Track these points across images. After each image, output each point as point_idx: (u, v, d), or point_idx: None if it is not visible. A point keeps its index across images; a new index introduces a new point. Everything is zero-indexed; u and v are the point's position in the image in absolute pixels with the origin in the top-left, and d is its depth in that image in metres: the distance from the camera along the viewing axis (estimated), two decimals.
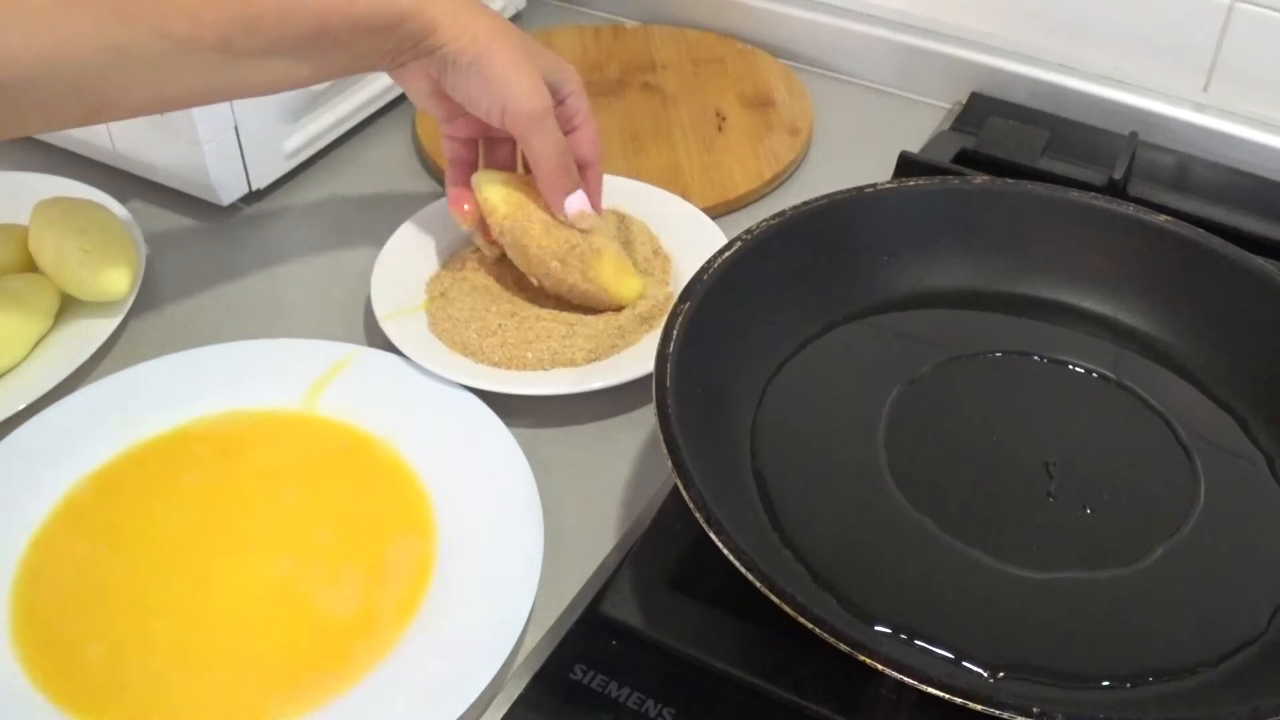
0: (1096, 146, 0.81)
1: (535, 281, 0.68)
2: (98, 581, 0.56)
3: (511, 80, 0.62)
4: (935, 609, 0.52)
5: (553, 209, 0.66)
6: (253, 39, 0.57)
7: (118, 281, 0.68)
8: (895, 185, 0.67)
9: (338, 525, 0.58)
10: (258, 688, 0.52)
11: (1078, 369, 0.63)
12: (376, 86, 0.85)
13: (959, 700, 0.43)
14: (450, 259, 0.72)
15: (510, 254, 0.68)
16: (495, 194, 0.67)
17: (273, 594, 0.55)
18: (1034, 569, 0.54)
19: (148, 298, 0.72)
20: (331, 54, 0.60)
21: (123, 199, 0.76)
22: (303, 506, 0.59)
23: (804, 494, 0.57)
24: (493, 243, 0.69)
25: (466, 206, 0.68)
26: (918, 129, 0.86)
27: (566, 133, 0.66)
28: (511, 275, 0.70)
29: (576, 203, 0.66)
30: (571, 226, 0.66)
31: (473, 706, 0.51)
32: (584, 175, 0.68)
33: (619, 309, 0.68)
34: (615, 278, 0.67)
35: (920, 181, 0.67)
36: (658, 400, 0.53)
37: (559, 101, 0.65)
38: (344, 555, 0.57)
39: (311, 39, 0.59)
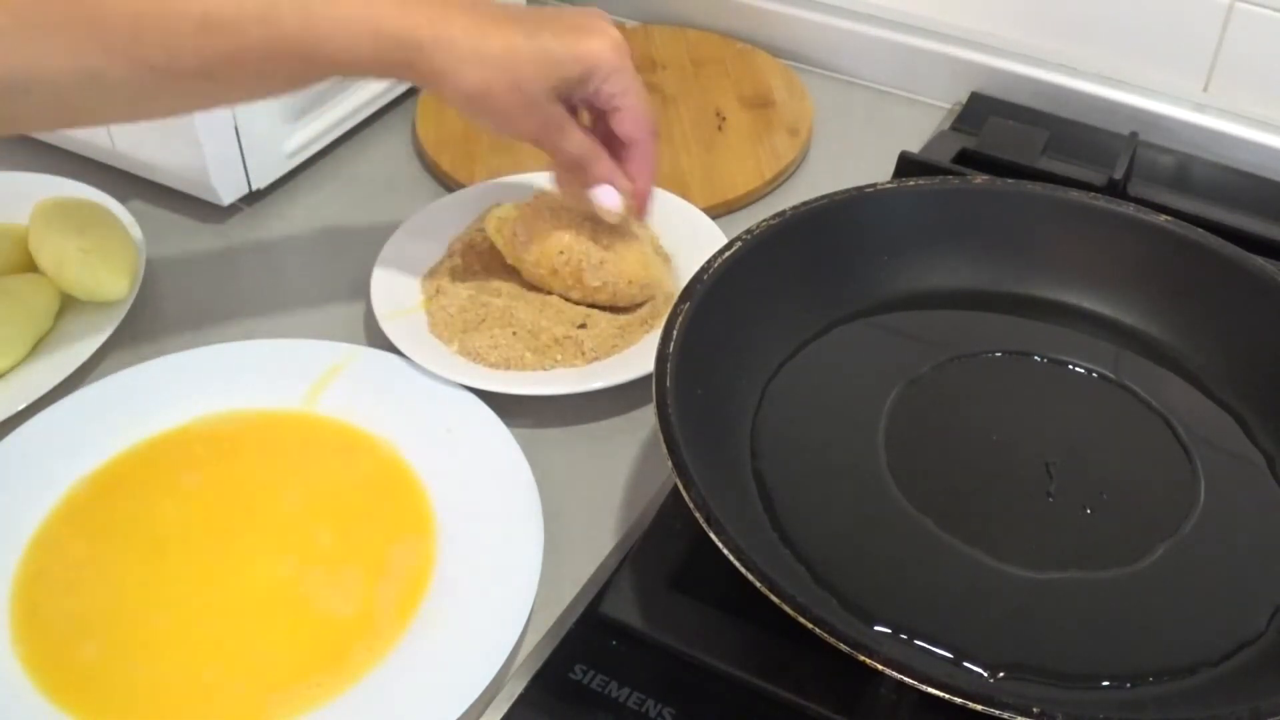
0: (1096, 146, 0.81)
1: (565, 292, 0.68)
2: (98, 581, 0.56)
3: (510, 121, 0.61)
4: (935, 609, 0.52)
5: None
6: (235, 71, 0.56)
7: (118, 281, 0.68)
8: (895, 185, 0.67)
9: (337, 525, 0.58)
10: (258, 687, 0.52)
11: (1078, 369, 0.63)
12: (377, 87, 0.85)
13: (959, 700, 0.43)
14: (450, 259, 0.72)
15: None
16: (490, 226, 0.69)
17: (273, 594, 0.55)
18: (1034, 569, 0.54)
19: (148, 298, 0.72)
20: (320, 79, 0.60)
21: (123, 199, 0.76)
22: (302, 506, 0.59)
23: (804, 494, 0.57)
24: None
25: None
26: (918, 129, 0.86)
27: (607, 113, 0.64)
28: (512, 276, 0.70)
29: (600, 197, 0.65)
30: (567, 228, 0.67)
31: (473, 706, 0.51)
32: (629, 153, 0.66)
33: (643, 299, 0.68)
34: (635, 270, 0.67)
35: (920, 181, 0.67)
36: (658, 400, 0.53)
37: (592, 93, 0.63)
38: (344, 555, 0.57)
39: (299, 74, 0.59)
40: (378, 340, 0.68)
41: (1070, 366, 0.64)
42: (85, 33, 0.53)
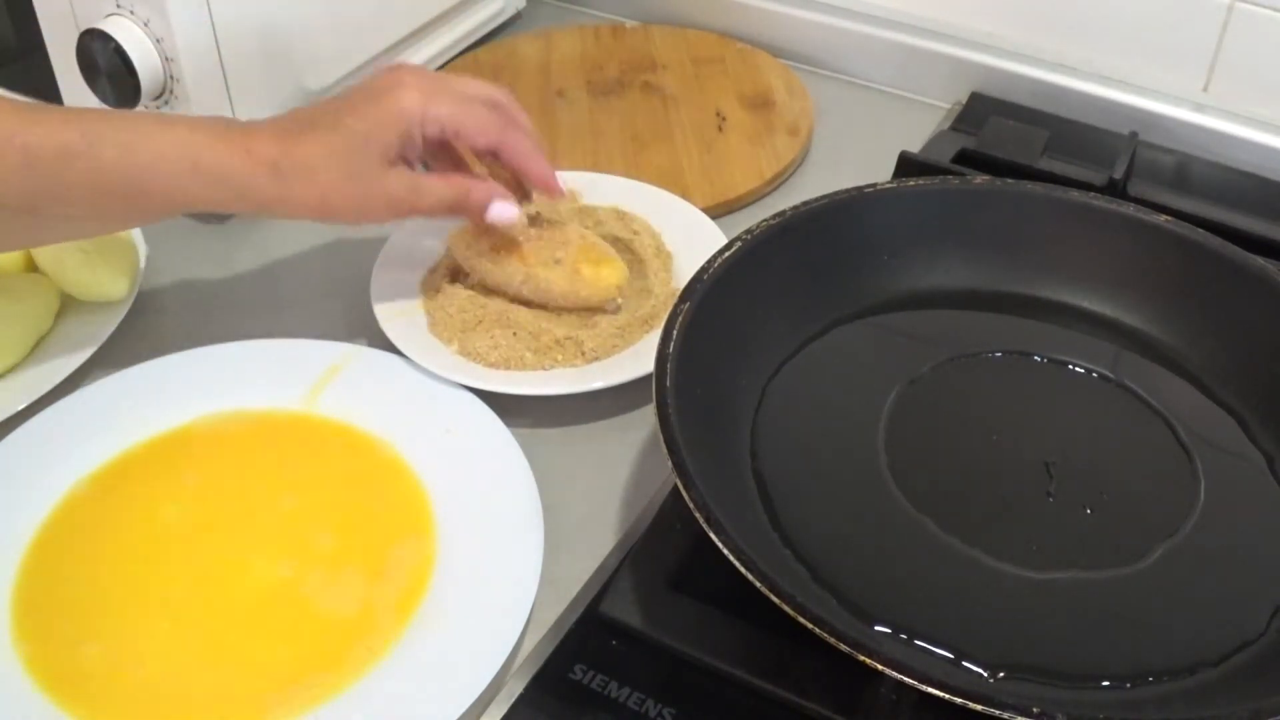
0: (1096, 146, 0.81)
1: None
2: (98, 581, 0.56)
3: (361, 212, 0.62)
4: (935, 609, 0.52)
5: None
6: (63, 207, 0.57)
7: (118, 281, 0.68)
8: (895, 185, 0.67)
9: (337, 525, 0.58)
10: (258, 687, 0.52)
11: (1078, 369, 0.63)
12: None
13: (959, 700, 0.43)
14: (450, 259, 0.72)
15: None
16: (453, 247, 0.70)
17: (273, 594, 0.55)
18: (1034, 569, 0.53)
19: (148, 298, 0.72)
20: (162, 215, 0.61)
21: None
22: (302, 506, 0.59)
23: (804, 494, 0.57)
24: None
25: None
26: (918, 129, 0.86)
27: (453, 142, 0.65)
28: (511, 277, 0.70)
29: (495, 216, 0.65)
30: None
31: (473, 706, 0.51)
32: (503, 157, 0.65)
33: (613, 299, 0.68)
34: (587, 275, 0.67)
35: (920, 181, 0.67)
36: (658, 400, 0.53)
37: (427, 139, 0.63)
38: (344, 555, 0.57)
39: (134, 211, 0.60)
40: (378, 340, 0.68)
41: (1070, 366, 0.64)
42: None
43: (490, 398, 0.63)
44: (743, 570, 0.47)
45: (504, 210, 0.65)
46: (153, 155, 0.57)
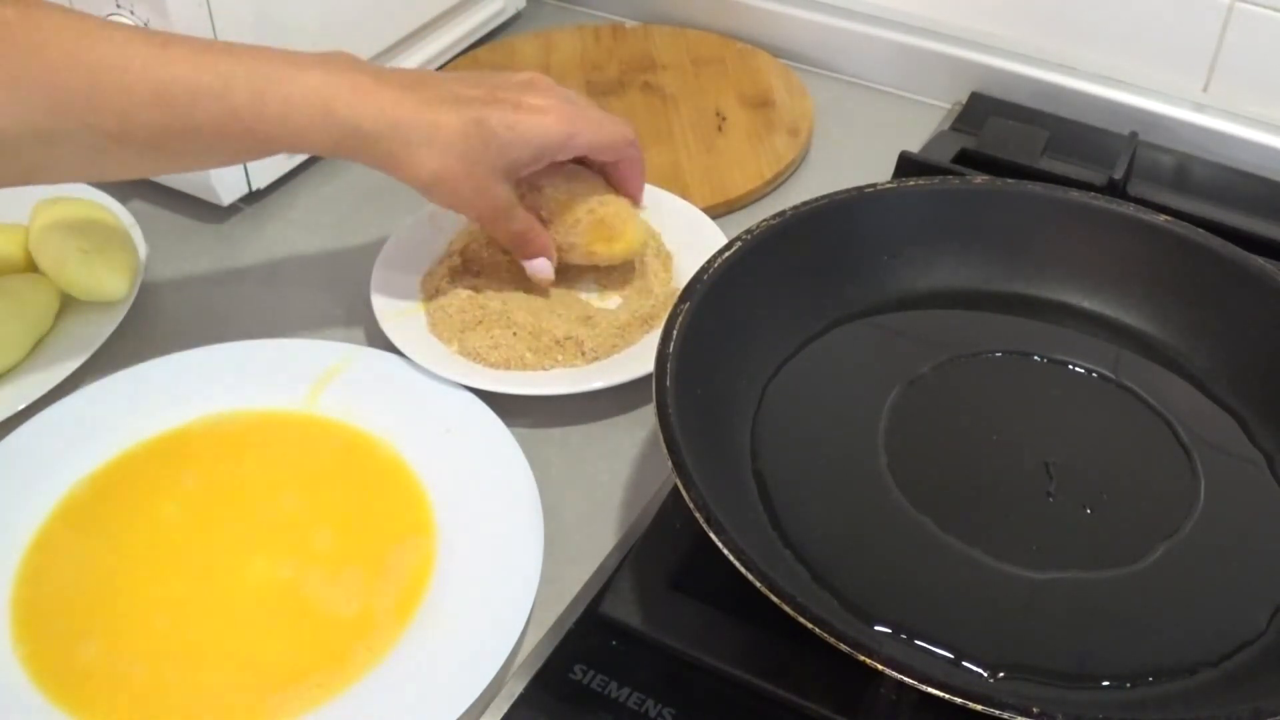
0: (1096, 146, 0.81)
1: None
2: (97, 581, 0.56)
3: (463, 202, 0.63)
4: (935, 609, 0.52)
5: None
6: (185, 144, 0.57)
7: (118, 281, 0.68)
8: (895, 185, 0.67)
9: (338, 525, 0.58)
10: (258, 688, 0.52)
11: (1078, 369, 0.63)
12: None
13: (959, 700, 0.43)
14: (450, 259, 0.72)
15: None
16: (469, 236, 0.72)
17: (273, 594, 0.55)
18: (1034, 569, 0.53)
19: (148, 298, 0.72)
20: (273, 154, 0.61)
21: (123, 199, 0.76)
22: (302, 507, 0.59)
23: (804, 494, 0.57)
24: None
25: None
26: (918, 129, 0.86)
27: (585, 160, 0.68)
28: (511, 276, 0.70)
29: (535, 269, 0.67)
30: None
31: (473, 706, 0.51)
32: (616, 170, 0.69)
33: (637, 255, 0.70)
34: (601, 253, 0.69)
35: (920, 181, 0.67)
36: (658, 400, 0.53)
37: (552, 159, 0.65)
38: (344, 555, 0.57)
39: (250, 150, 0.60)
40: (378, 340, 0.68)
41: (1070, 366, 0.64)
42: (40, 92, 0.53)
43: (490, 398, 0.63)
44: (743, 570, 0.47)
45: (544, 268, 0.67)
46: (283, 103, 0.57)
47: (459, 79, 0.63)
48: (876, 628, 0.51)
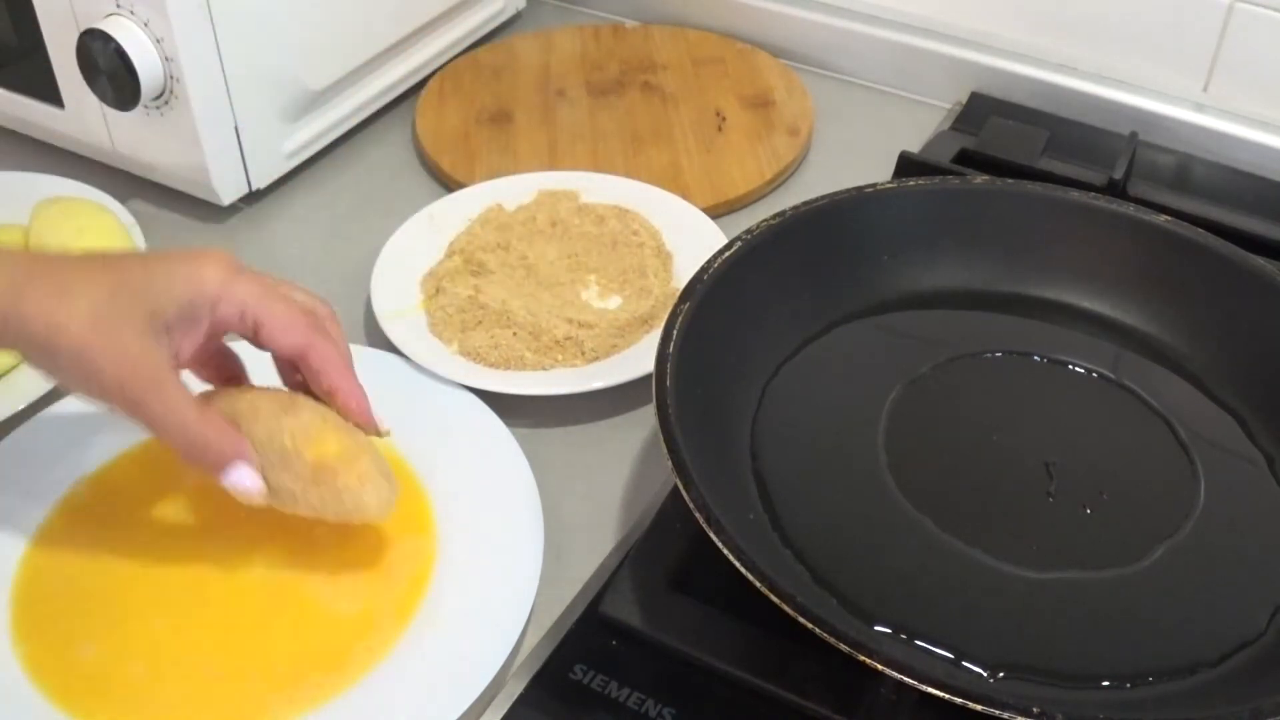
0: (1096, 146, 0.81)
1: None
2: (98, 581, 0.56)
3: (100, 376, 0.49)
4: (935, 609, 0.52)
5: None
6: None
7: None
8: (895, 185, 0.67)
9: (337, 525, 0.58)
10: (258, 688, 0.52)
11: (1078, 369, 0.63)
12: (376, 86, 0.85)
13: (959, 700, 0.43)
14: (450, 259, 0.72)
15: None
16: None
17: (272, 594, 0.55)
18: (1034, 569, 0.53)
19: None
20: None
21: (123, 199, 0.76)
22: None
23: (804, 494, 0.57)
24: None
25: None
26: (918, 129, 0.86)
27: (256, 337, 0.53)
28: (512, 276, 0.70)
29: (233, 481, 0.52)
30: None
31: (473, 706, 0.51)
32: (306, 369, 0.54)
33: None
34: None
35: (920, 181, 0.67)
36: (658, 400, 0.53)
37: (216, 323, 0.51)
38: (344, 555, 0.57)
39: None
40: (378, 340, 0.68)
41: (1070, 366, 0.64)
42: None
43: (490, 398, 0.63)
44: (743, 570, 0.47)
45: (245, 477, 0.51)
46: None
47: (109, 259, 0.53)
48: (876, 628, 0.51)
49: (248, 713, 0.51)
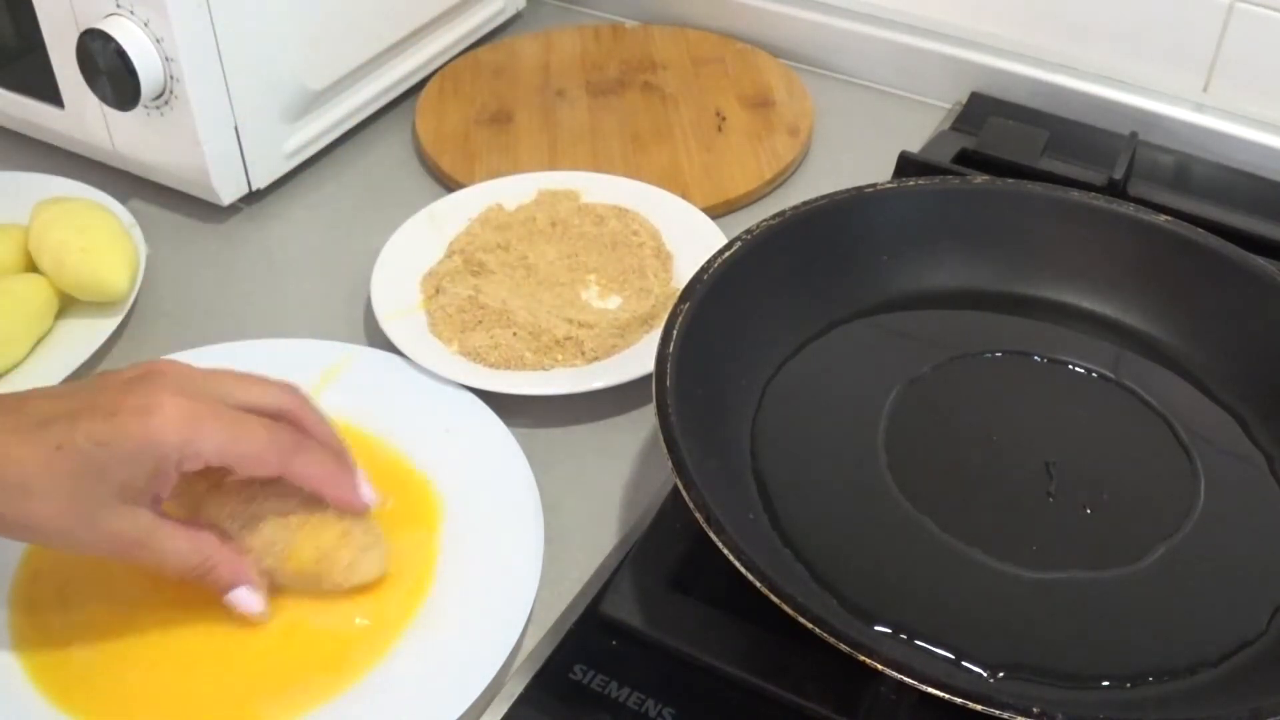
0: (1096, 146, 0.81)
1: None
2: (97, 582, 0.56)
3: (82, 545, 0.50)
4: (935, 609, 0.52)
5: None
6: None
7: (118, 281, 0.68)
8: (895, 185, 0.67)
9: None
10: (257, 688, 0.52)
11: (1078, 369, 0.63)
12: (376, 86, 0.85)
13: (959, 700, 0.43)
14: (450, 259, 0.72)
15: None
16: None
17: (272, 594, 0.55)
18: (1034, 569, 0.53)
19: (148, 298, 0.72)
20: None
21: (123, 199, 0.76)
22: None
23: (804, 494, 0.57)
24: None
25: None
26: (918, 129, 0.86)
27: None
28: (512, 276, 0.70)
29: (239, 603, 0.53)
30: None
31: (473, 706, 0.51)
32: (324, 496, 0.54)
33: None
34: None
35: (920, 181, 0.67)
36: (658, 400, 0.53)
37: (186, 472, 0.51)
38: None
39: None
40: (378, 340, 0.68)
41: (1070, 366, 0.64)
42: None
43: (490, 398, 0.63)
44: (743, 570, 0.47)
45: (247, 599, 0.53)
46: None
47: (48, 394, 0.52)
48: (876, 628, 0.51)
49: (248, 713, 0.51)
